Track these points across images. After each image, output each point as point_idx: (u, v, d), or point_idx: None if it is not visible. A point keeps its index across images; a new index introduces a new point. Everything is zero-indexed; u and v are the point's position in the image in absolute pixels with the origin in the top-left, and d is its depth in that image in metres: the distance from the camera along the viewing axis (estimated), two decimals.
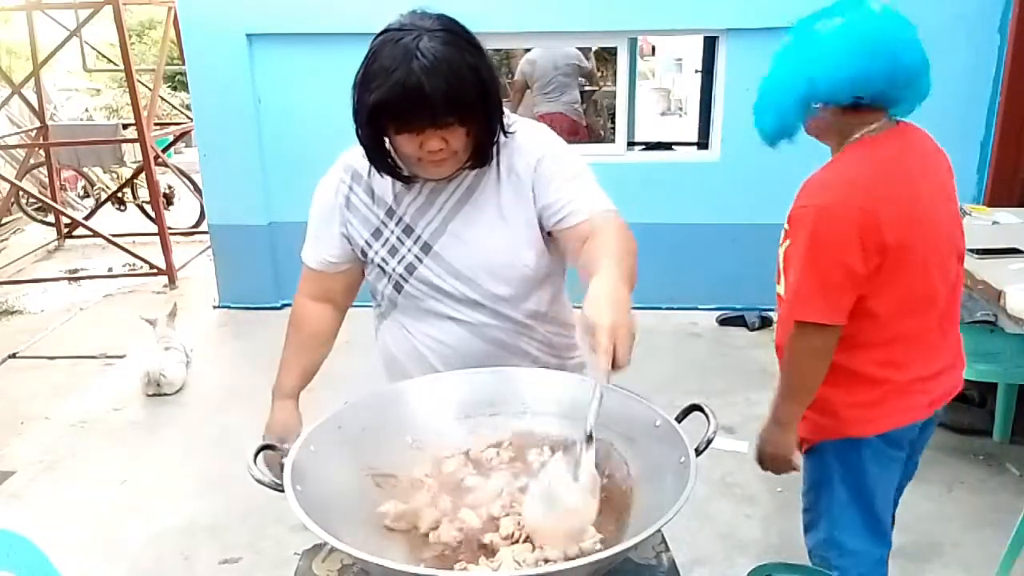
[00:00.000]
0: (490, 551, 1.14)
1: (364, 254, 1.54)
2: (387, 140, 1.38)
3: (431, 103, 1.26)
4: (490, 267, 1.47)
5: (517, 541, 1.14)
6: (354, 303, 1.69)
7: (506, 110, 1.44)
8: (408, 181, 1.46)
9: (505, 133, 1.42)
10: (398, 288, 1.52)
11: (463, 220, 1.47)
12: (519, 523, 1.16)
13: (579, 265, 1.31)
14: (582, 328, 1.09)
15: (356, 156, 1.49)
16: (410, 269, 1.49)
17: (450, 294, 1.49)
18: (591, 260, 1.25)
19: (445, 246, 1.47)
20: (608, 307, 1.09)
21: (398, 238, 1.49)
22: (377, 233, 1.51)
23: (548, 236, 1.48)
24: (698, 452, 1.17)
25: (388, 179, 1.46)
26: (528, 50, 6.12)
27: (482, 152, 1.41)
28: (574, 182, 1.44)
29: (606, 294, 1.12)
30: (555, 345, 1.59)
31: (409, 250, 1.49)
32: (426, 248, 1.48)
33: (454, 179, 1.46)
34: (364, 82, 1.31)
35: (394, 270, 1.51)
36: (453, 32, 1.33)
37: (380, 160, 1.42)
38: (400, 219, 1.49)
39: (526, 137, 1.48)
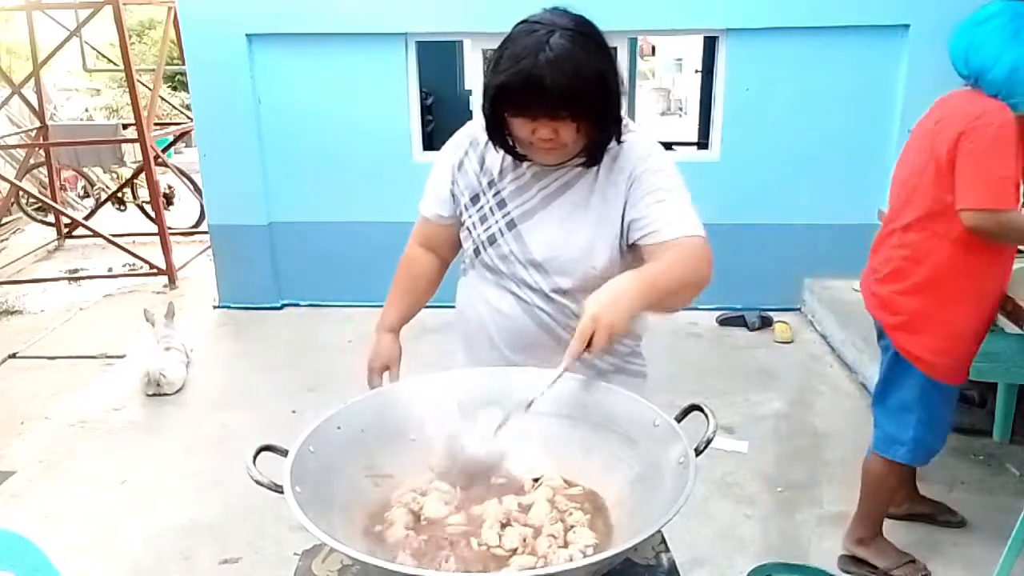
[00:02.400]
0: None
1: (461, 214, 1.66)
2: (505, 119, 1.46)
3: (549, 95, 1.35)
4: (560, 261, 1.55)
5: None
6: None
7: (626, 118, 1.52)
8: (520, 159, 1.55)
9: (619, 140, 1.50)
10: (476, 252, 1.65)
11: (552, 211, 1.55)
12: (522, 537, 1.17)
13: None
14: (581, 311, 1.25)
15: (480, 126, 1.58)
16: (491, 240, 1.61)
17: (515, 272, 1.59)
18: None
19: (528, 228, 1.57)
20: (607, 299, 1.24)
21: (491, 208, 1.60)
22: (476, 199, 1.62)
23: (630, 247, 1.54)
24: (698, 452, 1.17)
25: (499, 154, 1.57)
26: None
27: (593, 152, 1.48)
28: (668, 200, 1.49)
29: (614, 288, 1.26)
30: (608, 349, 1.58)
31: (496, 223, 1.60)
32: (511, 225, 1.58)
33: (557, 170, 1.54)
34: (495, 65, 1.42)
35: (479, 236, 1.62)
36: (585, 34, 1.41)
37: (498, 137, 1.51)
38: (498, 192, 1.59)
39: (633, 145, 1.54)
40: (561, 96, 1.35)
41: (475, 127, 1.63)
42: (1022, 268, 2.44)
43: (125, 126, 7.00)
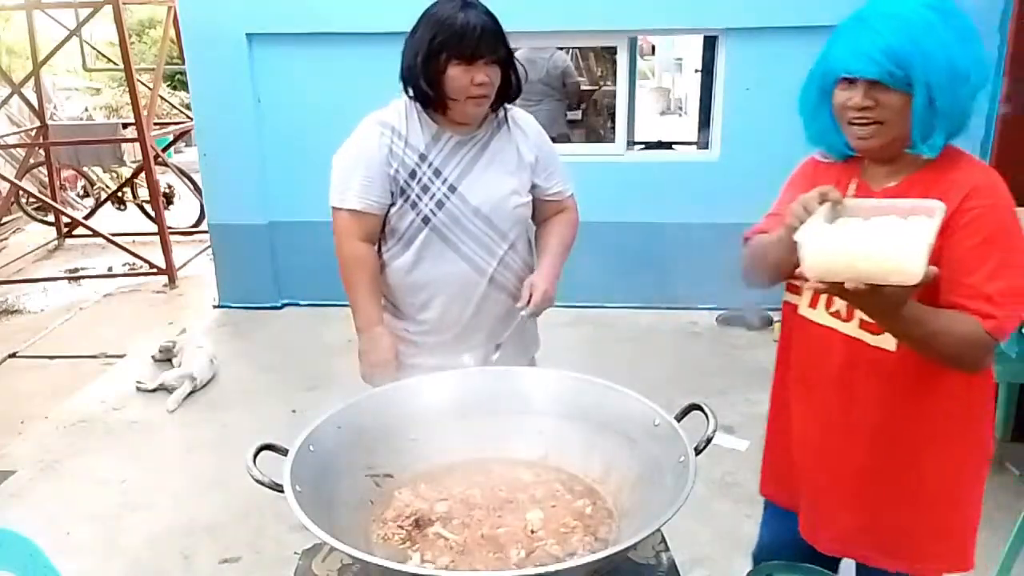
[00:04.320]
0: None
1: (403, 192, 1.83)
2: (438, 82, 1.74)
3: (487, 35, 1.71)
4: (500, 208, 1.85)
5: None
6: None
7: None
8: (444, 117, 1.83)
9: (520, 87, 1.86)
10: (426, 221, 1.83)
11: (480, 168, 1.85)
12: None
13: (537, 231, 1.99)
14: (526, 285, 1.85)
15: (386, 114, 1.85)
16: (440, 204, 1.82)
17: (467, 229, 1.84)
18: (546, 243, 1.96)
19: (466, 187, 1.83)
20: (541, 280, 1.85)
21: (429, 179, 1.82)
22: (413, 174, 1.82)
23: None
24: (697, 451, 1.17)
25: (419, 131, 1.83)
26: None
27: (504, 94, 1.82)
28: (559, 161, 1.98)
29: (544, 274, 1.87)
30: (520, 277, 1.93)
31: (439, 189, 1.82)
32: (452, 188, 1.83)
33: (474, 135, 1.85)
34: (425, 31, 1.73)
35: (426, 205, 1.82)
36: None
37: (434, 94, 1.76)
38: (431, 163, 1.82)
39: (525, 116, 1.97)
40: (494, 38, 1.73)
41: (381, 117, 1.85)
42: None
43: (125, 125, 6.99)
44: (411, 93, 1.81)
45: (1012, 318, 1.30)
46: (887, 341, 1.38)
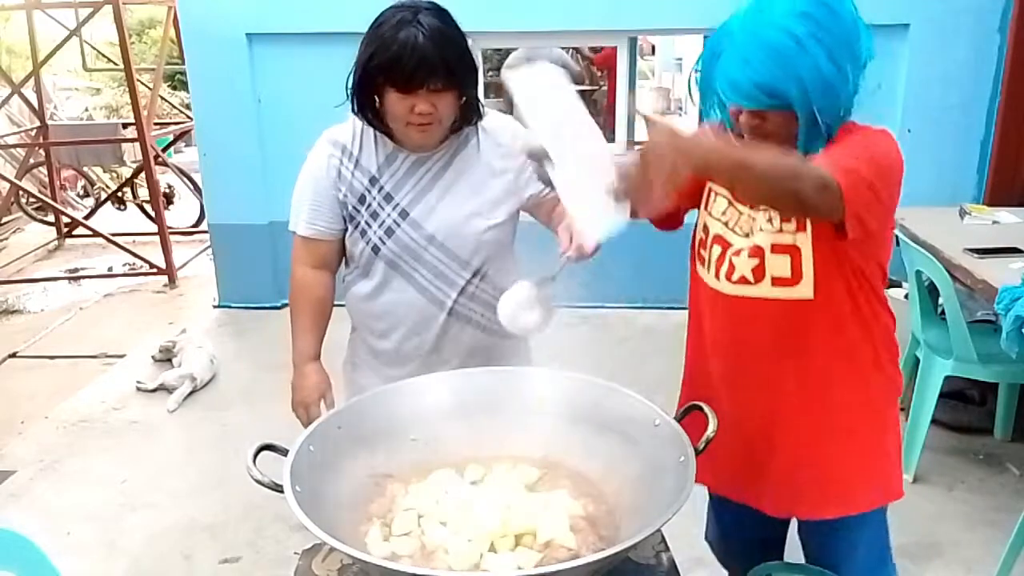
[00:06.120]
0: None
1: (352, 218, 1.68)
2: (378, 107, 1.57)
3: (428, 63, 1.47)
4: (458, 233, 1.64)
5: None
6: None
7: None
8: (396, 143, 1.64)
9: (481, 110, 1.65)
10: (376, 249, 1.67)
11: (439, 190, 1.65)
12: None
13: (554, 221, 1.65)
14: (564, 227, 1.50)
15: (339, 132, 1.70)
16: (389, 232, 1.65)
17: (421, 258, 1.65)
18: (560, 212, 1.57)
19: (420, 213, 1.64)
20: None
21: (379, 204, 1.65)
22: (362, 199, 1.66)
23: (525, 209, 1.72)
24: (697, 452, 1.17)
25: (373, 151, 1.66)
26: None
27: (462, 121, 1.62)
28: None
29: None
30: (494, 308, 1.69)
31: (388, 215, 1.65)
32: (403, 214, 1.64)
33: (435, 154, 1.65)
34: (365, 49, 1.52)
35: (375, 233, 1.66)
36: (444, 11, 1.56)
37: (374, 121, 1.61)
38: (382, 188, 1.65)
39: (501, 121, 1.71)
40: (439, 64, 1.48)
41: (334, 134, 1.70)
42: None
43: (125, 125, 6.99)
44: (354, 111, 1.63)
45: (855, 180, 1.28)
46: (804, 291, 1.42)
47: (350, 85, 1.58)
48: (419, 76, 1.48)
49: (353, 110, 1.61)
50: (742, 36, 1.35)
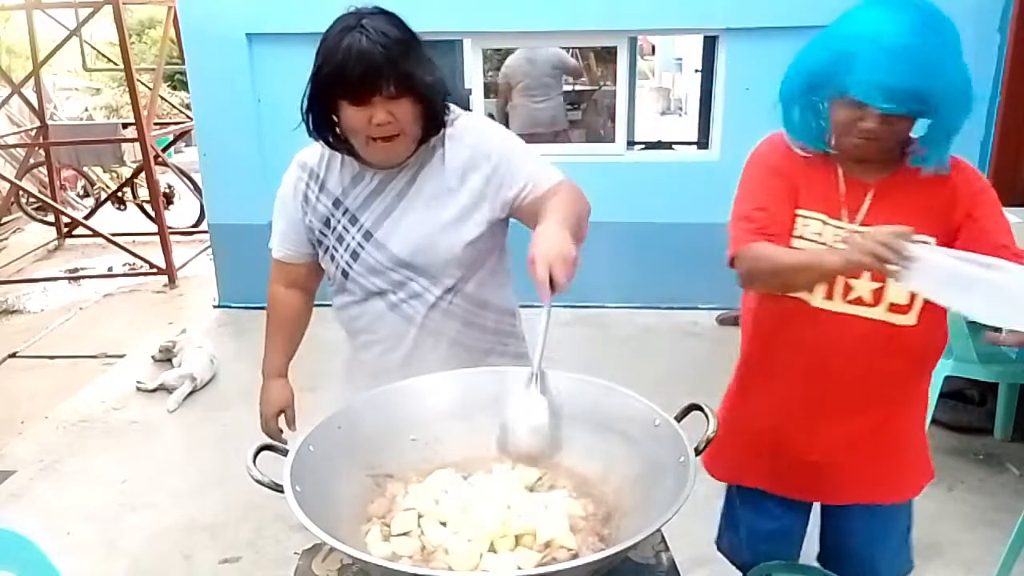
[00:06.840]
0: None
1: (320, 242, 1.65)
2: (336, 127, 1.50)
3: (375, 68, 1.38)
4: (427, 247, 1.56)
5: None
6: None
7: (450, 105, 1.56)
8: (361, 162, 1.56)
9: (447, 112, 1.53)
10: (344, 274, 1.63)
11: (406, 207, 1.57)
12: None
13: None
14: (529, 264, 1.25)
15: (308, 154, 1.64)
16: (355, 256, 1.60)
17: (391, 279, 1.59)
18: (541, 217, 1.40)
19: (385, 233, 1.57)
20: (543, 242, 1.27)
21: (344, 227, 1.60)
22: (327, 223, 1.62)
23: (506, 215, 1.59)
24: (697, 452, 1.17)
25: (338, 172, 1.60)
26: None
27: (427, 131, 1.50)
28: (528, 158, 1.58)
29: (543, 232, 1.30)
30: (489, 330, 1.68)
31: (353, 238, 1.59)
32: (367, 236, 1.58)
33: (402, 170, 1.56)
34: (315, 63, 1.45)
35: (342, 257, 1.62)
36: (390, 12, 1.48)
37: (331, 138, 1.53)
38: (346, 210, 1.60)
39: (468, 123, 1.60)
40: (386, 67, 1.38)
41: (304, 156, 1.65)
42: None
43: (125, 125, 6.99)
44: (310, 133, 1.54)
45: None
46: (911, 318, 1.52)
47: (304, 107, 1.49)
48: (368, 83, 1.39)
49: (309, 132, 1.53)
50: (886, 44, 1.35)
